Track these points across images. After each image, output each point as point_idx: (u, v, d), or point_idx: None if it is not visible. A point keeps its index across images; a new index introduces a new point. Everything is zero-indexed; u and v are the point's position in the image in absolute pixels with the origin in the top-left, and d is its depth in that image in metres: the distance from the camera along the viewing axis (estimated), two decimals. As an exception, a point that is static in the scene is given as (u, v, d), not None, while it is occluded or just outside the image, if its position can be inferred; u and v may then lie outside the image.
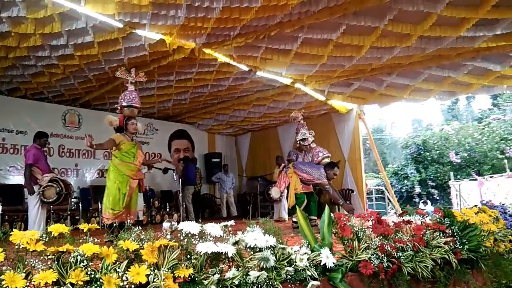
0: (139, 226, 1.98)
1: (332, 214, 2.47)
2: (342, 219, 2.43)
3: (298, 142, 6.49)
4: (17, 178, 7.95)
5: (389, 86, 7.95)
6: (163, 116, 10.82)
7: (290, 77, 7.95)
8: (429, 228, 2.96)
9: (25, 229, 5.88)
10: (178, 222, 3.81)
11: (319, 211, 6.11)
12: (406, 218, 3.01)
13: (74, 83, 7.83)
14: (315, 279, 2.13)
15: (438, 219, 3.18)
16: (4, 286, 1.43)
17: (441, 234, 2.95)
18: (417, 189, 17.79)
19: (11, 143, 8.13)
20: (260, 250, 2.01)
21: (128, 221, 2.12)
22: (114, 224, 3.85)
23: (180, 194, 6.75)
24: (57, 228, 1.68)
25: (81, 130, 9.15)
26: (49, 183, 5.22)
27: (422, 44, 5.98)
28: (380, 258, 2.42)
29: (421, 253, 2.70)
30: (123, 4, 4.85)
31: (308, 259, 2.15)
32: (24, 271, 1.53)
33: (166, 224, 2.09)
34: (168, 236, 1.84)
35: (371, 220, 2.61)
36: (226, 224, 2.10)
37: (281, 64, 7.01)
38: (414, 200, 17.88)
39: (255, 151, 12.12)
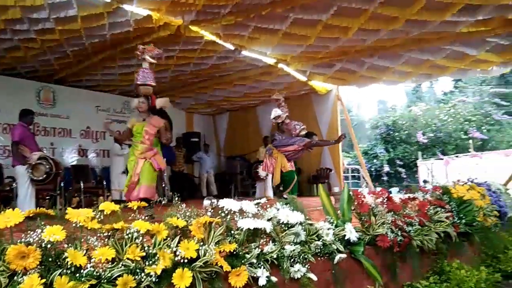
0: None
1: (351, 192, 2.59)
2: (359, 196, 2.57)
3: (272, 120, 6.53)
4: (-8, 158, 7.63)
5: (370, 68, 8.13)
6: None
7: (274, 57, 7.97)
8: (432, 204, 3.18)
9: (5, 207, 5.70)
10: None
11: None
12: (411, 195, 3.20)
13: (51, 59, 7.48)
14: (340, 252, 2.25)
15: (438, 196, 3.41)
16: (69, 262, 1.44)
17: (442, 209, 3.17)
18: (386, 168, 18.49)
19: (-17, 121, 7.75)
20: (292, 226, 2.11)
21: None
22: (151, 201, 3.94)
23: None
24: (108, 206, 1.69)
25: (56, 108, 8.83)
26: (38, 161, 5.05)
27: (407, 28, 6.14)
28: (395, 232, 2.59)
29: (426, 227, 2.91)
30: (115, -22, 4.68)
31: (333, 234, 2.28)
32: (82, 248, 1.54)
33: (206, 202, 2.14)
34: (209, 213, 1.89)
35: (384, 198, 2.78)
36: (259, 201, 2.17)
37: (267, 43, 7.01)
38: (382, 178, 18.58)
39: (233, 131, 12.12)
